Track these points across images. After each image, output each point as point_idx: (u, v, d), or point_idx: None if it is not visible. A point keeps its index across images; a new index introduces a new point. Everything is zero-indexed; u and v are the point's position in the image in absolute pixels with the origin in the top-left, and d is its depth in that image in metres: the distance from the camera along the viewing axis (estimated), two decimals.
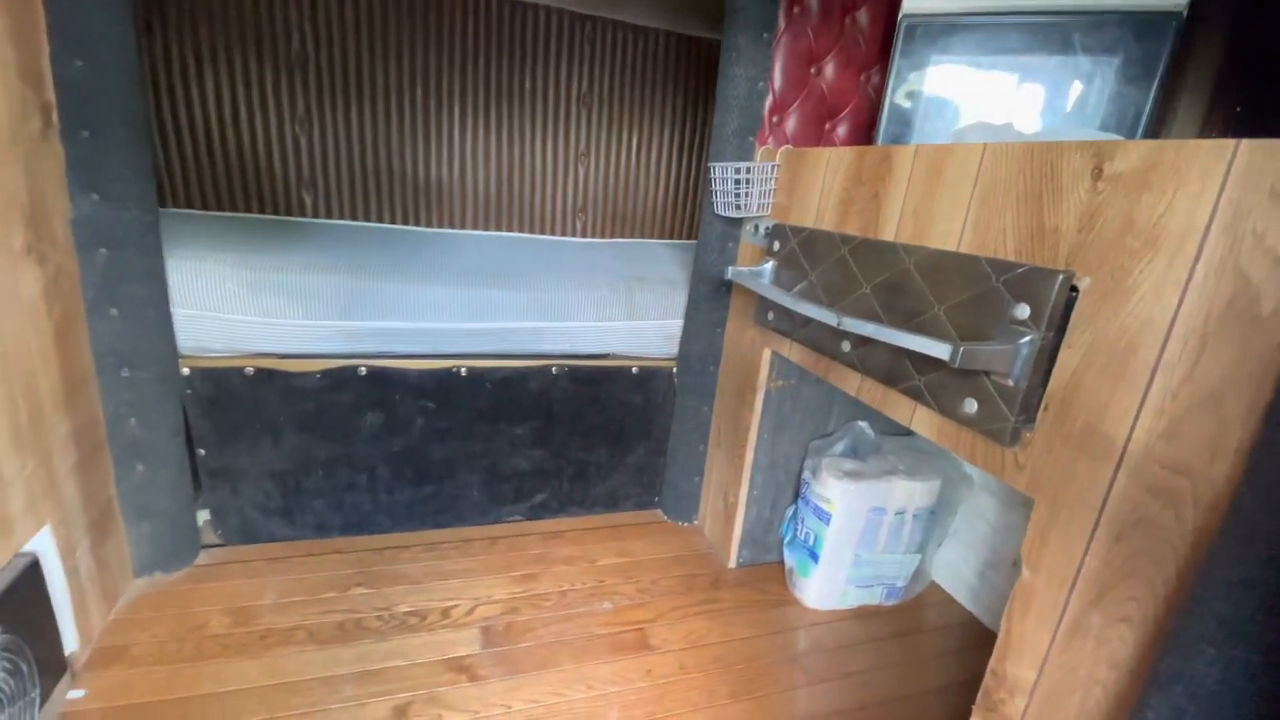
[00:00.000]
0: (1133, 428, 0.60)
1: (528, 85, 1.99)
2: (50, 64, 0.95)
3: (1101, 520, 0.63)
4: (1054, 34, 0.95)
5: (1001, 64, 1.02)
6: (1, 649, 0.81)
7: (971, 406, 0.76)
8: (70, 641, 1.00)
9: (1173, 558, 0.57)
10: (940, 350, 0.70)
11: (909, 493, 1.31)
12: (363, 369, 1.32)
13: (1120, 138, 0.84)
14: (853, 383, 1.03)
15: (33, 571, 0.89)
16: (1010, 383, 0.71)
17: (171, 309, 1.18)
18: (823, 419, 1.46)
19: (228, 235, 1.50)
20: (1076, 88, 0.96)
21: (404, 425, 1.38)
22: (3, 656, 0.81)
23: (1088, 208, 0.66)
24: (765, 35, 1.24)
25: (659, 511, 1.68)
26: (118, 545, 1.18)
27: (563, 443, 1.52)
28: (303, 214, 1.92)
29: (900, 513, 1.33)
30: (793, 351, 1.21)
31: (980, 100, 1.04)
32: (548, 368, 1.44)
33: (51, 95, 0.96)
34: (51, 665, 0.93)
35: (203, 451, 1.28)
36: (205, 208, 1.81)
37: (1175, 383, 0.57)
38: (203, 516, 1.36)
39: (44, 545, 0.94)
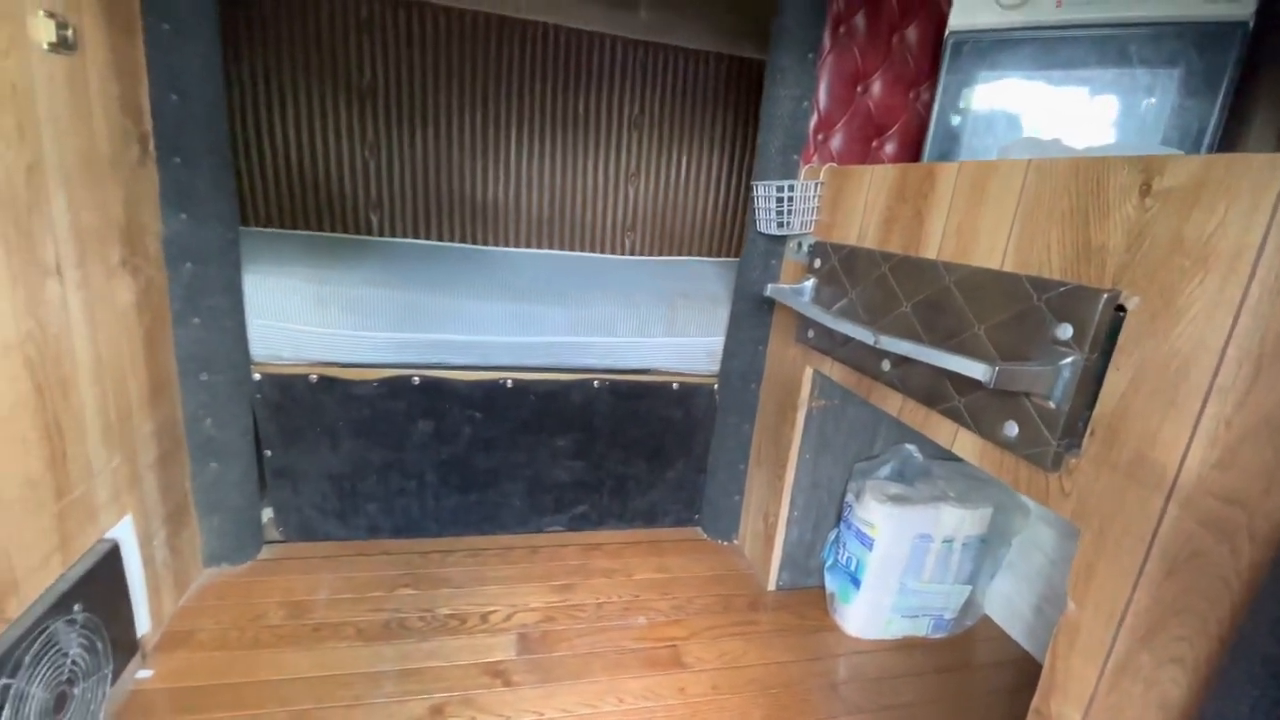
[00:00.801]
0: (1184, 456, 0.57)
1: (581, 109, 2.06)
2: (148, 98, 1.06)
3: (1151, 553, 0.60)
4: (1109, 47, 0.92)
5: (1054, 78, 0.99)
6: (80, 626, 0.88)
7: (1012, 429, 0.73)
8: (143, 624, 1.08)
9: (1227, 595, 0.54)
10: (976, 370, 0.68)
11: (958, 520, 1.26)
12: (416, 379, 1.38)
13: (1181, 153, 0.81)
14: (894, 403, 1.01)
15: (112, 557, 0.98)
16: (1051, 405, 0.68)
17: (246, 319, 1.27)
18: (868, 440, 1.43)
19: (300, 252, 1.61)
20: (1135, 101, 0.92)
21: (452, 434, 1.44)
22: (81, 634, 0.89)
23: (1135, 225, 0.64)
24: (810, 56, 1.25)
25: (698, 529, 1.68)
26: (190, 537, 1.27)
27: (603, 456, 1.55)
28: (369, 233, 2.04)
29: (948, 541, 1.28)
30: (834, 370, 1.19)
31: (1031, 115, 1.01)
32: (590, 381, 1.47)
33: (149, 126, 1.07)
34: (124, 645, 1.01)
35: (269, 452, 1.37)
36: (281, 226, 1.95)
37: (1229, 409, 0.54)
38: (266, 514, 1.45)
39: (124, 533, 1.03)
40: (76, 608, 0.87)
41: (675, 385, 1.54)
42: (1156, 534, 0.59)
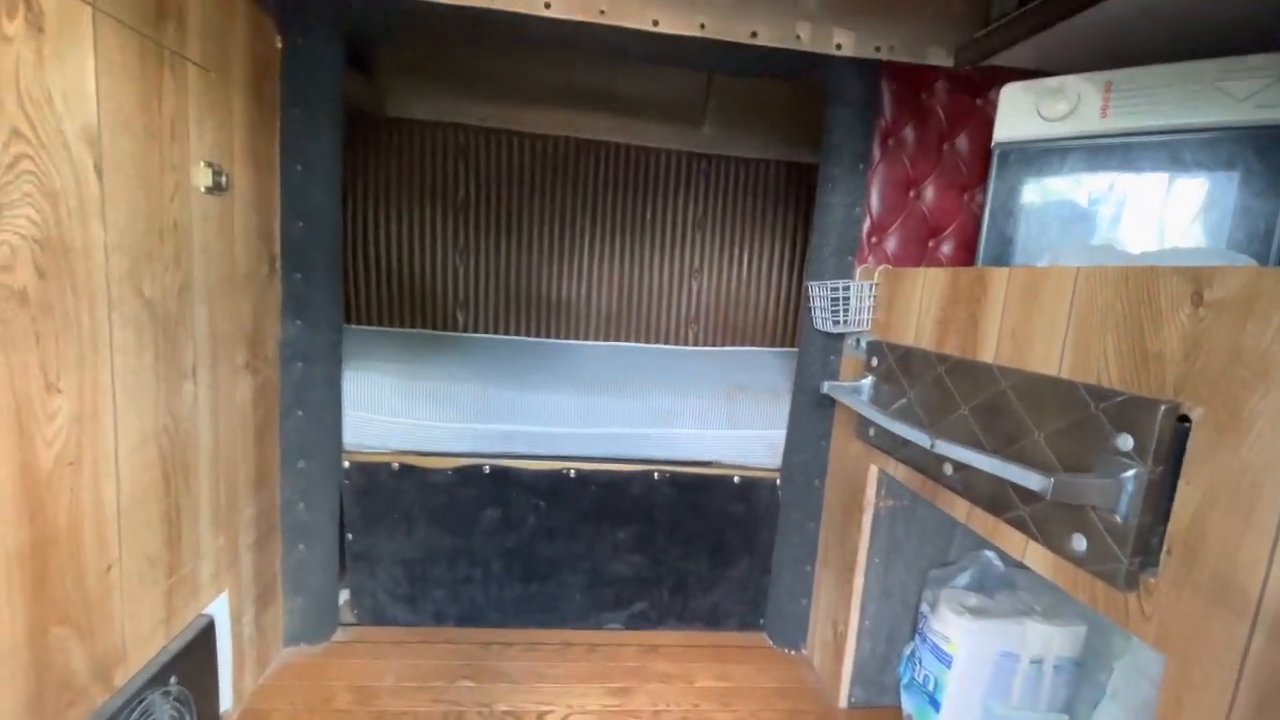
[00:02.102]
0: (1266, 579, 0.53)
1: (648, 214, 2.21)
2: (279, 225, 1.26)
3: (1241, 686, 0.54)
4: (1160, 152, 0.92)
5: (1106, 182, 0.99)
6: (174, 699, 0.96)
7: (1080, 543, 0.69)
8: (225, 700, 1.15)
9: None
10: (1031, 481, 0.67)
11: (1046, 638, 1.16)
12: (486, 467, 1.46)
13: (1249, 260, 0.79)
14: (960, 509, 0.97)
15: (208, 632, 1.06)
16: (1119, 519, 0.65)
17: (343, 410, 1.41)
18: (943, 545, 1.35)
19: (394, 348, 1.78)
20: (1193, 204, 0.91)
21: (517, 522, 1.48)
22: (174, 706, 0.96)
23: (1191, 334, 0.62)
24: (860, 166, 1.32)
25: (763, 634, 1.60)
26: (275, 616, 1.36)
27: (663, 550, 1.54)
28: (456, 329, 2.23)
29: (1037, 662, 1.16)
30: (898, 471, 1.17)
31: (1085, 218, 1.02)
32: (650, 473, 1.49)
33: (277, 248, 1.26)
34: (208, 719, 1.08)
35: (350, 536, 1.46)
36: (380, 324, 2.17)
37: None
38: (343, 596, 1.52)
39: (220, 610, 1.12)
40: (173, 680, 0.95)
41: (736, 479, 1.53)
42: (1244, 664, 0.54)
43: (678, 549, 1.54)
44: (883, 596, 1.34)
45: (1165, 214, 0.94)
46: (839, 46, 1.29)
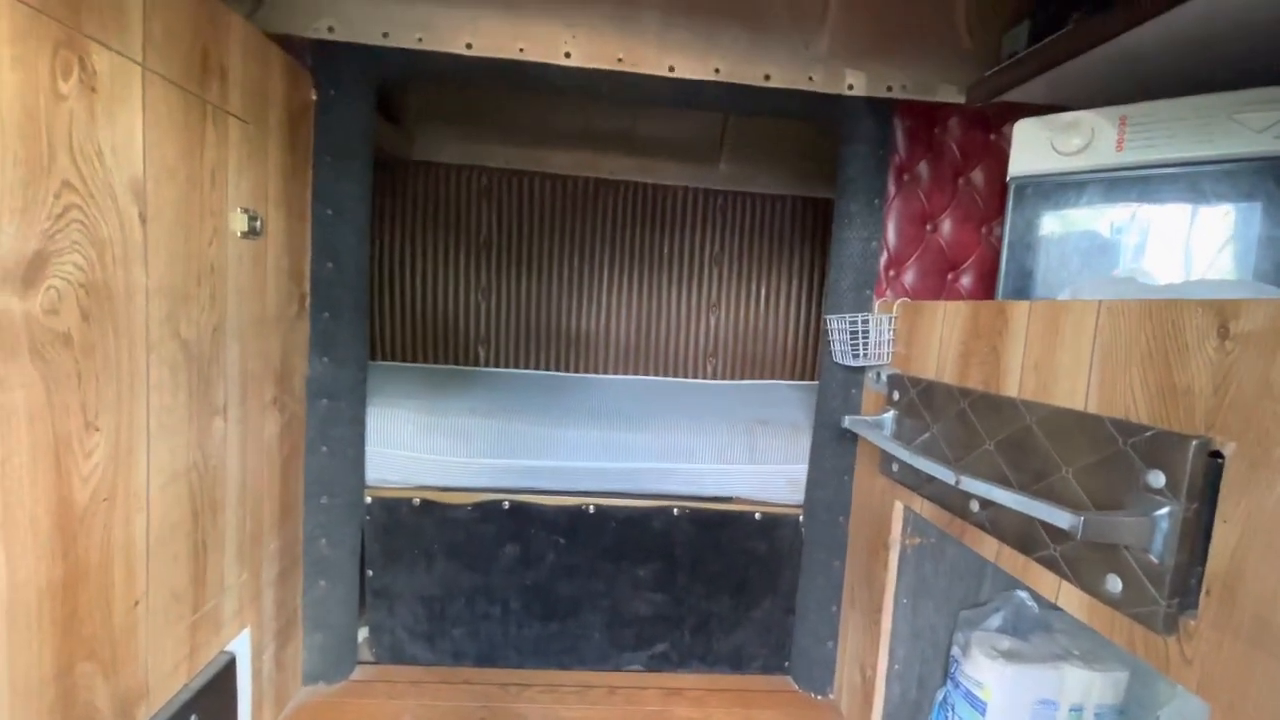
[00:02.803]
0: None
1: (665, 250, 2.24)
2: (309, 266, 1.30)
3: None
4: (1179, 183, 0.92)
5: (1125, 213, 0.99)
6: None
7: (1115, 585, 0.67)
8: None
9: None
10: (1060, 519, 0.65)
11: (1085, 684, 1.10)
12: (506, 503, 1.46)
13: (1276, 291, 0.77)
14: (990, 548, 0.94)
15: (229, 669, 1.07)
16: (1154, 559, 0.63)
17: (366, 446, 1.43)
18: (974, 585, 1.31)
19: (416, 383, 1.81)
20: (1217, 235, 0.90)
21: (537, 559, 1.47)
22: None
23: (1219, 368, 0.61)
24: (875, 202, 1.33)
25: (789, 678, 1.55)
26: (294, 652, 1.36)
27: (684, 589, 1.51)
28: (477, 364, 2.26)
29: (1077, 709, 1.11)
30: (924, 508, 1.14)
31: (1104, 250, 1.01)
32: (669, 508, 1.48)
33: (307, 288, 1.31)
34: None
35: (370, 572, 1.47)
36: (403, 359, 2.21)
37: None
38: (362, 633, 1.52)
39: (242, 647, 1.12)
40: (193, 718, 0.95)
41: (758, 515, 1.51)
42: None
43: (699, 587, 1.52)
44: (912, 639, 1.30)
45: (1188, 245, 0.93)
46: (850, 87, 1.32)
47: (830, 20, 1.28)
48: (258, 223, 1.10)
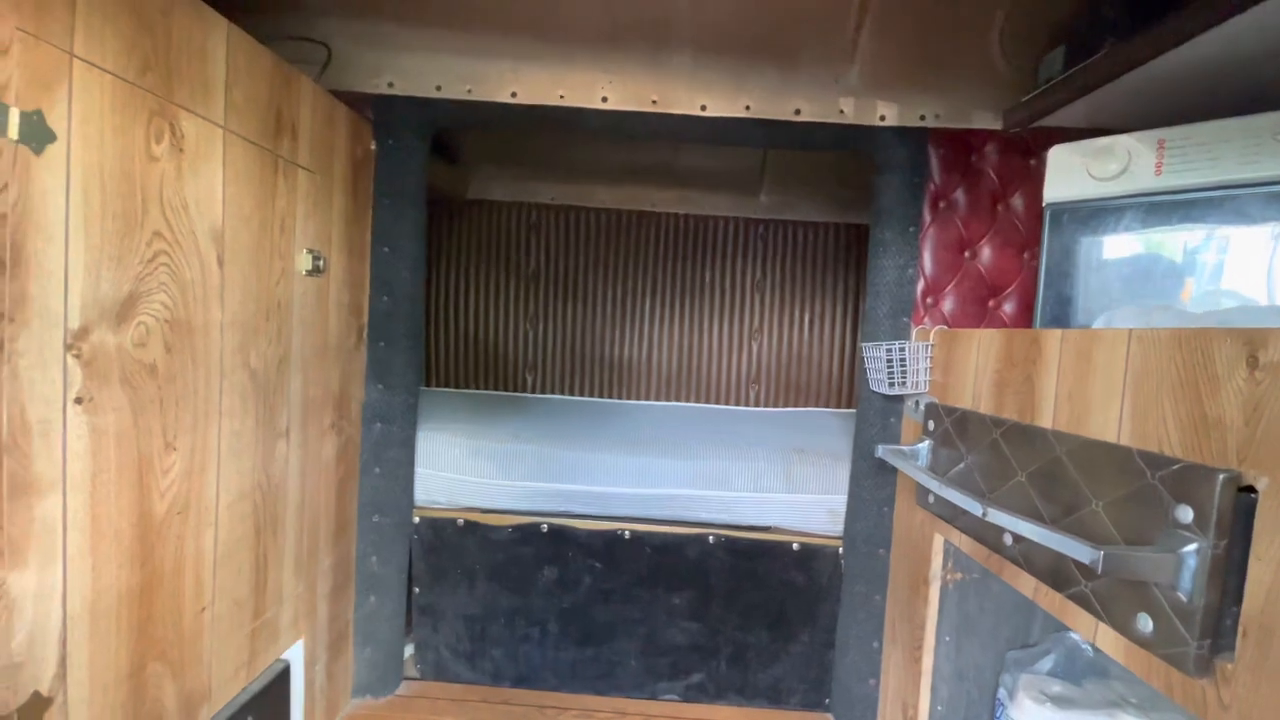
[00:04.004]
0: None
1: (707, 279, 2.28)
2: (367, 300, 1.41)
3: None
4: (1224, 206, 0.88)
5: (1166, 239, 0.95)
6: None
7: (1146, 624, 0.64)
8: None
9: None
10: (1080, 553, 0.63)
11: None
12: (544, 526, 1.50)
13: None
14: (1027, 584, 0.91)
15: (284, 676, 1.14)
16: (1183, 598, 0.60)
17: (415, 468, 1.51)
18: (1022, 624, 1.25)
19: (465, 409, 1.89)
20: (1263, 258, 0.85)
21: (573, 582, 1.50)
22: None
23: (1250, 399, 0.59)
24: (911, 229, 1.33)
25: (829, 715, 1.51)
26: (345, 665, 1.43)
27: (719, 618, 1.50)
28: (525, 390, 2.34)
29: None
30: (962, 541, 1.11)
31: (1147, 277, 0.97)
32: (704, 536, 1.48)
33: (365, 320, 1.41)
34: None
35: (417, 590, 1.53)
36: (454, 386, 2.31)
37: None
38: (408, 650, 1.58)
39: (296, 656, 1.20)
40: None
41: (795, 545, 1.50)
42: None
43: (735, 618, 1.51)
44: (955, 679, 1.25)
45: (1232, 269, 0.89)
46: (883, 118, 1.33)
47: (860, 53, 1.31)
48: (321, 262, 1.21)
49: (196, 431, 0.90)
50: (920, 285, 1.35)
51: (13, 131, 0.61)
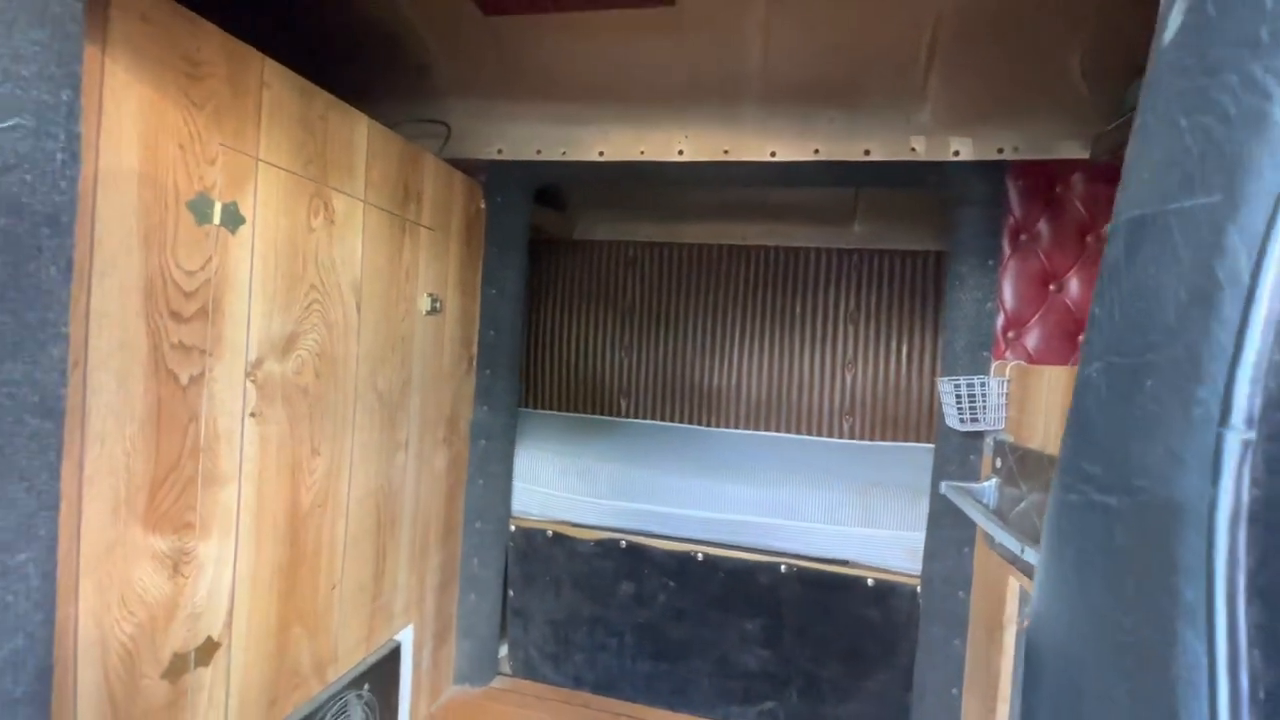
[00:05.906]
0: None
1: (798, 309, 2.31)
2: (478, 335, 1.63)
3: None
4: None
5: None
6: (365, 703, 1.22)
7: None
8: (404, 718, 1.40)
9: None
10: None
11: None
12: (623, 542, 1.62)
13: None
14: None
15: (395, 654, 1.34)
16: None
17: (513, 481, 1.69)
18: None
19: (561, 430, 2.07)
20: None
21: (649, 599, 1.60)
22: (365, 709, 1.22)
23: None
24: (990, 263, 1.31)
25: None
26: (448, 654, 1.62)
27: (791, 649, 1.52)
28: (618, 414, 2.49)
29: None
30: (1029, 585, 1.07)
31: None
32: (777, 565, 1.52)
33: (475, 351, 1.63)
34: None
35: (512, 593, 1.70)
36: (554, 409, 2.52)
37: None
38: (502, 648, 1.75)
39: (406, 639, 1.40)
40: (366, 687, 1.22)
41: (870, 581, 1.49)
42: None
43: (807, 650, 1.52)
44: None
45: None
46: (956, 153, 1.34)
47: (932, 91, 1.33)
48: (438, 303, 1.43)
49: (335, 440, 1.12)
50: (1000, 319, 1.32)
51: (216, 219, 0.85)
